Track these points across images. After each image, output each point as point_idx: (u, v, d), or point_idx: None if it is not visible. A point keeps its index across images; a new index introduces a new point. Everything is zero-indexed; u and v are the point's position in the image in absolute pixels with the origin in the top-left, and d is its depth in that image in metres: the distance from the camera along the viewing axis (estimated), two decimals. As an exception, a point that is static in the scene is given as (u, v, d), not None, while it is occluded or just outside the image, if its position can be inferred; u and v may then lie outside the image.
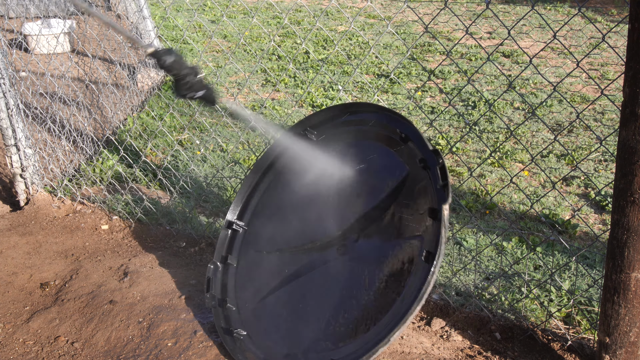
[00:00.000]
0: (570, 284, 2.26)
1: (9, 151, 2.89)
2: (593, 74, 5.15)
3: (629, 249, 1.51)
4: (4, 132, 2.83)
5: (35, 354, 1.94)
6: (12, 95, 2.79)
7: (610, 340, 1.62)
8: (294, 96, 4.72)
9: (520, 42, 6.08)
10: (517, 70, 5.25)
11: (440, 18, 7.04)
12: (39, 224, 2.81)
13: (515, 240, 2.62)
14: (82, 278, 2.33)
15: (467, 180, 3.25)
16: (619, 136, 1.48)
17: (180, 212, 2.81)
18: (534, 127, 4.03)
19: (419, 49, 5.94)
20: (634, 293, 1.55)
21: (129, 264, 2.41)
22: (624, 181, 1.49)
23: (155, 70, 4.79)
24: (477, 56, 5.65)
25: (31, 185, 2.97)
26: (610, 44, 5.65)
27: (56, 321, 2.09)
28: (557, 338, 1.93)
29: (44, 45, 5.06)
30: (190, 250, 2.58)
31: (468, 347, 1.93)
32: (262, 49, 5.98)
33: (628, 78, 1.42)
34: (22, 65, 3.67)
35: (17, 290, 2.30)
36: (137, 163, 3.28)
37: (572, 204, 3.02)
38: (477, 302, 2.08)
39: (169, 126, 3.98)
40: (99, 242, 2.66)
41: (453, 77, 5.13)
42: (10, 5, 4.04)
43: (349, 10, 7.84)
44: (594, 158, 3.55)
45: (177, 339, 1.94)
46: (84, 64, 4.65)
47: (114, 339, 1.98)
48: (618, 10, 7.38)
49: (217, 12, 7.57)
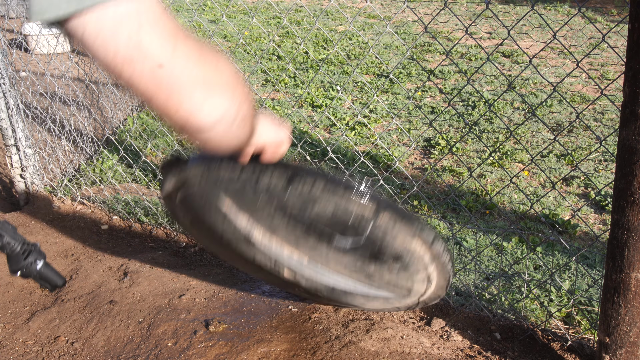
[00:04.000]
0: (570, 284, 2.26)
1: (9, 151, 2.89)
2: (593, 74, 5.15)
3: (629, 249, 1.51)
4: (4, 132, 2.82)
5: (35, 354, 1.94)
6: (12, 95, 2.79)
7: (610, 340, 1.62)
8: (294, 96, 4.72)
9: (520, 42, 6.08)
10: (517, 70, 5.25)
11: (440, 18, 7.04)
12: (39, 224, 2.81)
13: (515, 240, 2.62)
14: (82, 278, 2.33)
15: (467, 181, 3.25)
16: (619, 136, 1.48)
17: (180, 212, 2.81)
18: (534, 127, 4.03)
19: (419, 49, 5.94)
20: (634, 293, 1.55)
21: (129, 264, 2.41)
22: (624, 181, 1.49)
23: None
24: (477, 56, 5.65)
25: (31, 185, 2.97)
26: (610, 44, 5.65)
27: (56, 321, 2.09)
28: (557, 338, 1.93)
29: (44, 45, 5.06)
30: (190, 250, 2.58)
31: (468, 347, 1.93)
32: (262, 49, 5.98)
33: (628, 78, 1.42)
34: (22, 65, 3.67)
35: (17, 290, 2.30)
36: (137, 163, 3.28)
37: (572, 204, 3.02)
38: (477, 302, 2.08)
39: (169, 126, 3.98)
40: (99, 242, 2.66)
41: (453, 77, 5.13)
42: (10, 5, 4.04)
43: (349, 10, 7.84)
44: (594, 158, 3.55)
45: (177, 339, 1.94)
46: (84, 64, 4.65)
47: (114, 339, 1.98)
48: (618, 10, 7.38)
49: (217, 12, 7.56)
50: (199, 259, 2.51)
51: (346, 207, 1.41)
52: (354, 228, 1.45)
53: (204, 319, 2.04)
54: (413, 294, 1.67)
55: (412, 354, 1.84)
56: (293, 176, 1.38)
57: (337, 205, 1.41)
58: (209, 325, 2.00)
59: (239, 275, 2.38)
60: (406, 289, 1.65)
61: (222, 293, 2.22)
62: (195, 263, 2.48)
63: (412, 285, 1.62)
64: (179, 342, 1.92)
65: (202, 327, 1.99)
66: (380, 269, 1.58)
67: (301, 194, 1.40)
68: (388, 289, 1.66)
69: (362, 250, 1.53)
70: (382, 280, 1.63)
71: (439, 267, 1.56)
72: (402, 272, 1.58)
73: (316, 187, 1.39)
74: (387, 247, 1.49)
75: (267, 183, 1.40)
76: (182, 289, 2.22)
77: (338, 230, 1.48)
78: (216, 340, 1.92)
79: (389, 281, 1.62)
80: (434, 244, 1.51)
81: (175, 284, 2.25)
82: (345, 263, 1.59)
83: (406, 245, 1.50)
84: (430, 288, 1.64)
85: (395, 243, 1.48)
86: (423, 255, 1.53)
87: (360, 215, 1.42)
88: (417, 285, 1.63)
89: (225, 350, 1.87)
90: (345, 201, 1.41)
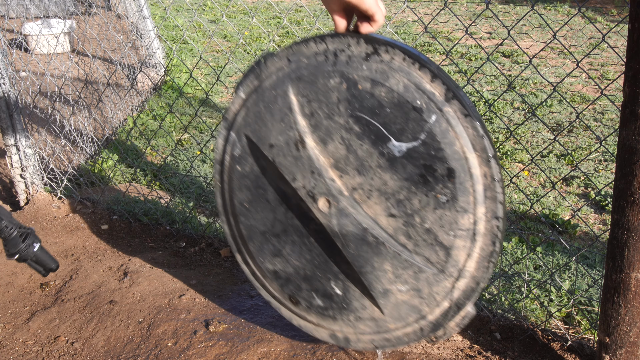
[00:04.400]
0: (570, 284, 2.26)
1: (9, 151, 2.89)
2: (593, 74, 5.15)
3: (629, 249, 1.51)
4: (4, 132, 2.83)
5: (35, 354, 1.94)
6: (12, 95, 2.79)
7: (610, 340, 1.62)
8: (294, 96, 4.72)
9: (520, 42, 6.08)
10: (517, 70, 5.26)
11: (440, 18, 7.04)
12: (39, 224, 2.81)
13: (515, 240, 2.62)
14: (82, 278, 2.33)
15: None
16: (619, 136, 1.48)
17: (180, 212, 2.81)
18: (534, 127, 4.03)
19: (419, 49, 5.94)
20: (634, 293, 1.55)
21: (129, 264, 2.41)
22: (624, 181, 1.49)
23: (155, 70, 4.79)
24: (477, 56, 5.65)
25: (31, 185, 2.97)
26: (610, 44, 5.65)
27: (56, 321, 2.09)
28: (557, 338, 1.93)
29: (44, 45, 5.07)
30: (190, 250, 2.59)
31: (468, 347, 1.93)
32: (262, 49, 5.98)
33: (628, 78, 1.42)
34: (22, 65, 3.67)
35: (17, 290, 2.30)
36: (137, 163, 3.28)
37: (572, 204, 3.02)
38: (477, 302, 2.08)
39: (169, 126, 3.98)
40: (99, 242, 2.67)
41: (453, 77, 5.14)
42: (10, 5, 4.04)
43: (349, 10, 7.84)
44: (594, 158, 3.55)
45: (177, 339, 1.94)
46: (84, 64, 4.65)
47: (114, 339, 1.98)
48: (618, 10, 7.38)
49: (217, 12, 7.57)
50: (199, 259, 2.51)
51: (418, 85, 1.36)
52: (415, 123, 1.38)
53: (204, 319, 2.04)
54: (448, 270, 1.47)
55: (412, 354, 1.85)
56: (378, 45, 1.40)
57: (406, 85, 1.38)
58: (209, 325, 2.00)
59: (239, 275, 2.38)
60: (444, 253, 1.46)
61: (222, 293, 2.23)
62: (195, 263, 2.48)
63: (453, 243, 1.44)
64: (179, 342, 1.92)
65: (202, 327, 1.99)
66: (425, 205, 1.44)
67: (379, 65, 1.40)
68: (424, 249, 1.48)
69: (412, 167, 1.42)
70: (422, 228, 1.46)
71: (489, 212, 1.40)
72: (448, 210, 1.41)
73: (397, 57, 1.39)
74: (442, 155, 1.38)
75: (349, 54, 1.43)
76: (182, 289, 2.22)
77: (396, 128, 1.41)
78: (216, 340, 1.92)
79: (429, 229, 1.45)
80: (492, 161, 1.38)
81: (175, 284, 2.25)
82: (389, 193, 1.47)
83: (464, 153, 1.37)
84: (470, 261, 1.45)
85: (452, 149, 1.37)
86: (478, 178, 1.38)
87: (426, 102, 1.36)
88: (458, 243, 1.43)
89: (225, 350, 1.87)
90: (418, 79, 1.36)
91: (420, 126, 1.38)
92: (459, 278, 1.48)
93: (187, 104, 4.42)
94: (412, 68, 1.38)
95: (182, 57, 5.51)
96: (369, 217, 1.54)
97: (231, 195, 1.74)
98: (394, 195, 1.48)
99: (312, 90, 1.51)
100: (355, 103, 1.45)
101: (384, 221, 1.52)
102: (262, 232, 1.72)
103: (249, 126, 1.63)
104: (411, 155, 1.43)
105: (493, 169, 1.38)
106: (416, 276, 1.51)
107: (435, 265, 1.49)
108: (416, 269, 1.51)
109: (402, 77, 1.39)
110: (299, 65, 1.53)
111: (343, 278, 1.63)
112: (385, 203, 1.50)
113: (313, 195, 1.58)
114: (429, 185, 1.43)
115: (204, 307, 2.12)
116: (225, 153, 1.70)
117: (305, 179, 1.57)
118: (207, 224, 2.72)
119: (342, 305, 1.66)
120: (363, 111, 1.45)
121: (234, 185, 1.73)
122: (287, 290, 1.74)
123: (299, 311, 1.74)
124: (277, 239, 1.70)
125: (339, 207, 1.55)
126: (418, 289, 1.53)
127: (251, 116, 1.62)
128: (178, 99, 4.44)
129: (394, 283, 1.56)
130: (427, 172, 1.42)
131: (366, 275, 1.58)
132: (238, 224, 1.77)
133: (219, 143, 1.72)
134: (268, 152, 1.61)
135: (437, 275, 1.49)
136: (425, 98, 1.37)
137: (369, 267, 1.57)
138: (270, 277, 1.76)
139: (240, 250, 1.80)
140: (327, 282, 1.66)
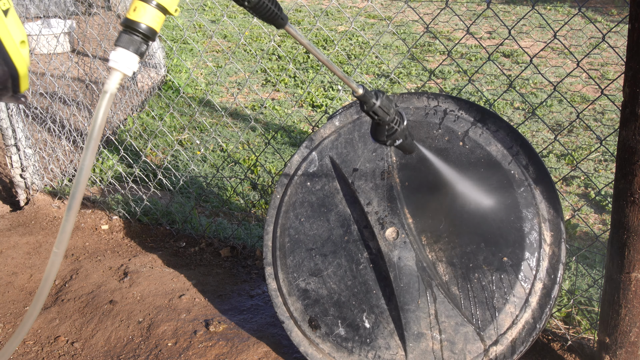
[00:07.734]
0: (570, 284, 2.26)
1: (9, 151, 2.89)
2: (593, 74, 5.15)
3: (629, 249, 1.51)
4: (4, 132, 2.83)
5: (35, 354, 1.94)
6: (12, 95, 2.79)
7: (610, 340, 1.62)
8: (294, 96, 4.72)
9: (521, 42, 6.08)
10: (517, 70, 5.25)
11: (440, 18, 7.04)
12: (39, 224, 2.81)
13: (515, 240, 2.62)
14: (82, 278, 2.33)
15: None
16: (619, 136, 1.48)
17: (180, 212, 2.81)
18: (534, 127, 4.03)
19: (419, 48, 5.94)
20: (634, 293, 1.55)
21: (129, 264, 2.41)
22: (624, 181, 1.49)
23: (155, 70, 4.79)
24: (478, 56, 5.65)
25: (31, 185, 2.97)
26: (610, 44, 5.65)
27: (56, 321, 2.09)
28: (557, 338, 1.93)
29: (44, 45, 5.06)
30: (190, 250, 2.59)
31: (468, 347, 1.92)
32: (262, 49, 5.98)
33: (628, 78, 1.42)
34: (22, 65, 3.67)
35: (17, 290, 2.30)
36: (137, 163, 3.28)
37: (572, 204, 3.02)
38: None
39: (169, 126, 3.98)
40: (99, 242, 2.66)
41: (453, 77, 5.13)
42: (10, 5, 4.04)
43: (349, 10, 7.84)
44: (594, 158, 3.55)
45: (177, 339, 1.94)
46: (84, 64, 4.65)
47: (114, 339, 1.98)
48: (618, 10, 7.38)
49: (217, 12, 7.57)
50: (199, 259, 2.51)
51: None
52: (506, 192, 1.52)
53: (204, 319, 2.04)
54: (488, 332, 1.47)
55: None
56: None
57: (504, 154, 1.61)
58: (209, 325, 2.00)
59: (239, 276, 2.38)
60: (490, 314, 1.47)
61: (222, 293, 2.23)
62: (195, 263, 2.48)
63: (503, 307, 1.47)
64: (179, 342, 1.92)
65: (202, 327, 1.99)
66: (489, 263, 1.49)
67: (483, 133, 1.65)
68: (474, 305, 1.50)
69: (487, 225, 1.52)
70: (479, 284, 1.50)
71: (544, 289, 1.45)
72: (508, 274, 1.46)
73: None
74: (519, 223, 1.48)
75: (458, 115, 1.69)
76: (182, 289, 2.22)
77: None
78: (216, 340, 1.92)
79: (485, 287, 1.49)
80: (563, 244, 1.50)
81: (175, 284, 2.25)
82: (456, 243, 1.55)
83: (540, 229, 1.49)
84: (513, 330, 1.47)
85: (532, 221, 1.51)
86: (545, 255, 1.46)
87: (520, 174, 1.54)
88: (507, 309, 1.46)
89: (225, 350, 1.87)
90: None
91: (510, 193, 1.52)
92: (496, 343, 1.48)
93: (186, 104, 4.42)
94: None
95: (182, 57, 5.51)
96: (430, 259, 1.59)
97: (288, 207, 1.79)
98: (462, 247, 1.54)
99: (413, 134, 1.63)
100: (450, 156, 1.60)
101: (442, 267, 1.57)
102: (308, 249, 1.73)
103: (336, 149, 1.74)
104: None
105: (562, 251, 1.47)
106: (456, 328, 1.51)
107: (479, 324, 1.50)
108: (459, 320, 1.51)
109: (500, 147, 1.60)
110: (406, 111, 1.67)
111: (378, 312, 1.62)
112: (450, 252, 1.56)
113: (383, 223, 1.64)
114: (498, 246, 1.49)
115: (204, 307, 2.12)
116: (299, 169, 1.78)
117: (380, 206, 1.65)
118: (207, 224, 2.72)
119: (366, 339, 1.62)
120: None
121: (296, 199, 1.78)
122: (311, 312, 1.70)
123: (313, 337, 1.70)
124: (324, 258, 1.71)
125: (405, 240, 1.61)
126: (453, 342, 1.51)
127: (341, 141, 1.75)
128: (178, 98, 4.44)
129: (431, 329, 1.55)
130: (499, 233, 1.51)
131: (407, 313, 1.56)
132: (284, 237, 1.78)
133: (294, 159, 1.80)
134: (349, 175, 1.71)
135: (476, 334, 1.50)
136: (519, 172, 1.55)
137: (414, 305, 1.56)
138: (297, 295, 1.73)
139: (274, 262, 1.79)
140: (359, 312, 1.64)
